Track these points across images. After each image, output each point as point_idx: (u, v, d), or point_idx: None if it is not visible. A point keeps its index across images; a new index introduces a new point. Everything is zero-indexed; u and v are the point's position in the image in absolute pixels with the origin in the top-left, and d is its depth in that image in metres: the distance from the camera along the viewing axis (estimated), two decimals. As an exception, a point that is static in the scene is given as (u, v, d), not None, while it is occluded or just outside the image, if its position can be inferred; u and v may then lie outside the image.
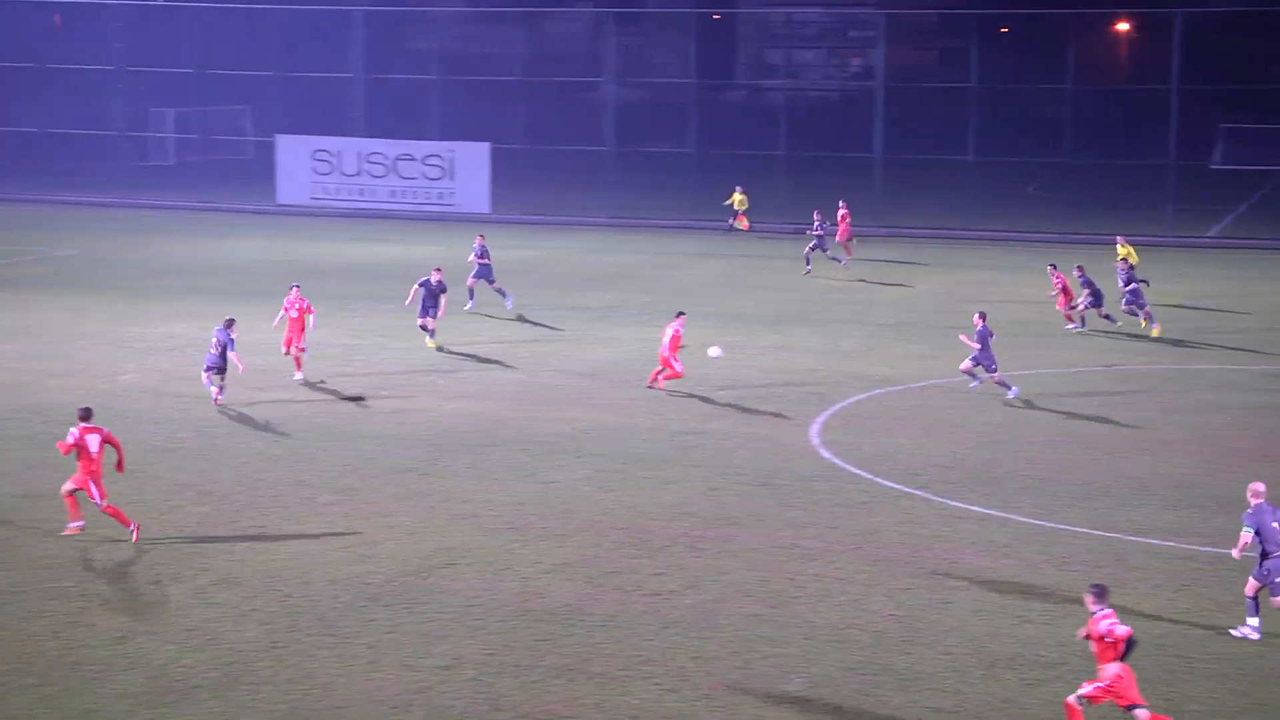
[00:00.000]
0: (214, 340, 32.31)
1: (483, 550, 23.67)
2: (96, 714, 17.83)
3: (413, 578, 22.41)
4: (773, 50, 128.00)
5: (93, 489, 23.57)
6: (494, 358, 38.25)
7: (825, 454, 29.60)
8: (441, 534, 24.44)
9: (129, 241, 60.73)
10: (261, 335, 39.75)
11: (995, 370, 34.06)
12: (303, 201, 71.76)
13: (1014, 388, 34.03)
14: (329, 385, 34.96)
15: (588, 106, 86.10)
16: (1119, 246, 46.17)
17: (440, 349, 38.60)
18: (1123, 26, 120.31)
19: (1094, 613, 17.27)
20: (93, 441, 23.62)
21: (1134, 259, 45.19)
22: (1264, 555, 20.56)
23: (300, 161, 71.91)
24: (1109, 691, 17.13)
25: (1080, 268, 42.94)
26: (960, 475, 28.17)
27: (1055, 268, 43.95)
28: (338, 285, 48.72)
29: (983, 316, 34.37)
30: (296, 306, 35.33)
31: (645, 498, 26.51)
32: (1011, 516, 25.69)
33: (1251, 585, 20.72)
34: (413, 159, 70.82)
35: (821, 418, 32.48)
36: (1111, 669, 17.16)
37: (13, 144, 79.43)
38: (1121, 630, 17.11)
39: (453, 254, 57.90)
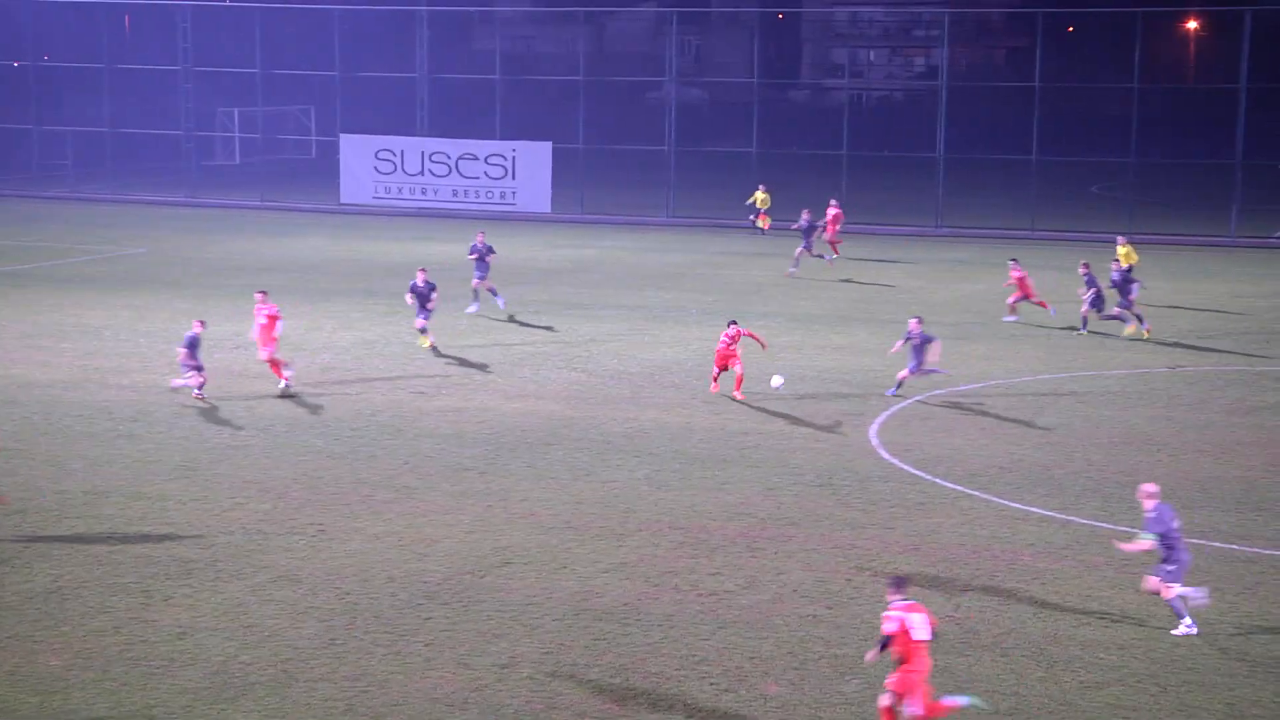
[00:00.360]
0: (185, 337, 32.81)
1: (540, 549, 23.73)
2: (156, 709, 17.99)
3: (470, 576, 22.50)
4: (837, 49, 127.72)
5: None
6: (553, 357, 38.33)
7: (884, 454, 29.52)
8: (499, 533, 24.51)
9: (193, 240, 61.23)
10: (325, 333, 40.14)
11: (917, 371, 33.95)
12: (366, 201, 72.19)
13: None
14: (389, 384, 35.13)
15: (649, 106, 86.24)
16: (1119, 246, 45.67)
17: (435, 350, 38.44)
18: (1191, 25, 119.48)
19: (893, 603, 17.15)
20: None
21: (1133, 259, 44.92)
22: (1166, 553, 20.60)
23: (363, 161, 72.32)
24: (913, 685, 16.98)
25: (1086, 265, 42.52)
26: (1020, 477, 28.04)
27: (1016, 262, 44.30)
28: (400, 284, 48.86)
29: (919, 321, 34.01)
30: (265, 313, 34.30)
31: (703, 498, 26.51)
32: (1072, 519, 25.54)
33: (1167, 589, 20.75)
34: (475, 158, 71.07)
35: (881, 418, 32.39)
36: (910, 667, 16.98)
37: (81, 143, 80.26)
38: (887, 626, 16.96)
39: (517, 253, 58.31)
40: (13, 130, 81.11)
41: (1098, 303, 41.80)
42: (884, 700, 17.12)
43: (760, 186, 62.74)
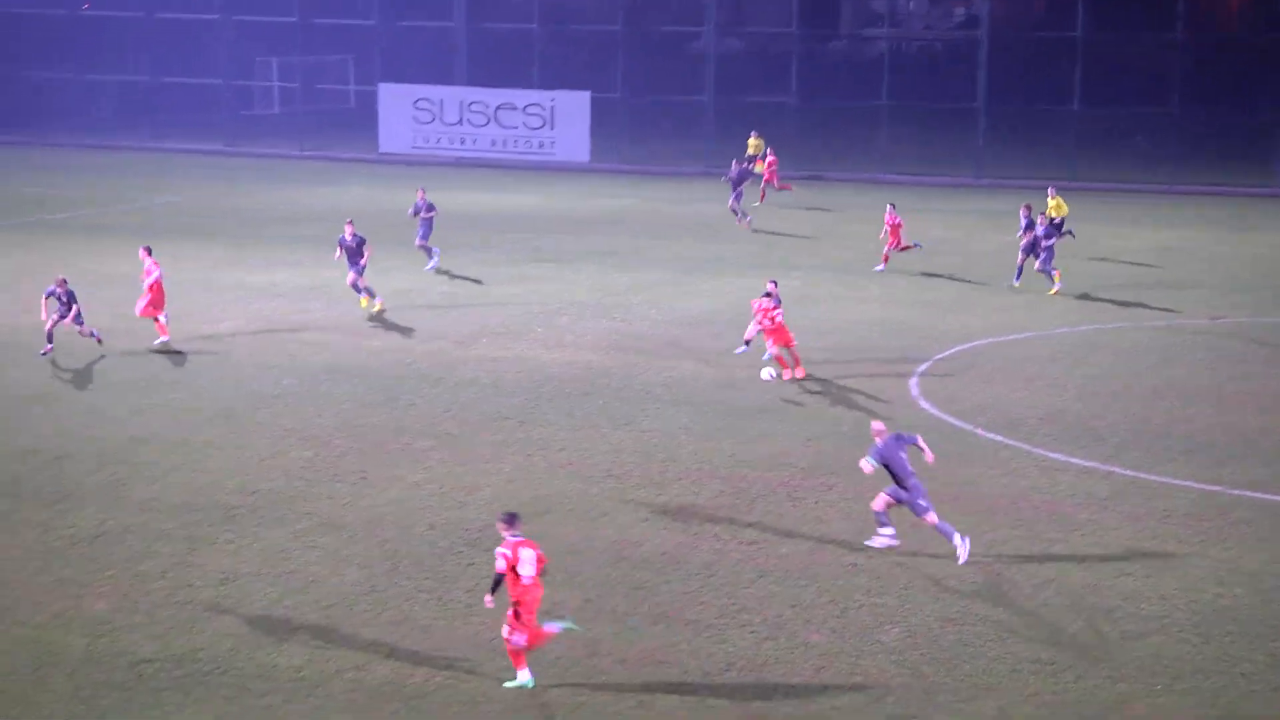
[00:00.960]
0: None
1: (580, 498, 23.82)
2: (201, 653, 18.16)
3: (511, 524, 22.60)
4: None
5: None
6: (591, 307, 38.35)
7: (924, 405, 29.49)
8: (539, 481, 24.61)
9: (233, 189, 61.41)
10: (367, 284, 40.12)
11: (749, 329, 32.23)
12: (404, 150, 72.25)
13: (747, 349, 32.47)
14: (429, 333, 35.22)
15: (688, 56, 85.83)
16: (1049, 199, 45.07)
17: (380, 311, 37.15)
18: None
19: (505, 539, 17.49)
20: None
21: (1063, 211, 44.48)
22: (898, 482, 21.47)
23: (402, 110, 72.35)
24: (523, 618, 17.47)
25: (1028, 206, 42.00)
26: (1060, 427, 27.96)
27: (894, 207, 44.13)
28: (440, 234, 48.91)
29: (774, 284, 32.27)
30: (148, 267, 33.81)
31: (743, 448, 26.51)
32: (1114, 469, 25.48)
33: (882, 501, 21.65)
34: (514, 108, 71.05)
35: (920, 369, 32.34)
36: (522, 596, 17.43)
37: (121, 92, 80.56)
38: (498, 564, 17.33)
39: (556, 203, 58.34)
40: (52, 79, 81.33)
41: (1033, 251, 40.76)
42: (550, 630, 17.72)
43: (753, 133, 62.55)
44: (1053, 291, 40.50)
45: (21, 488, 24.03)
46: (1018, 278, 41.16)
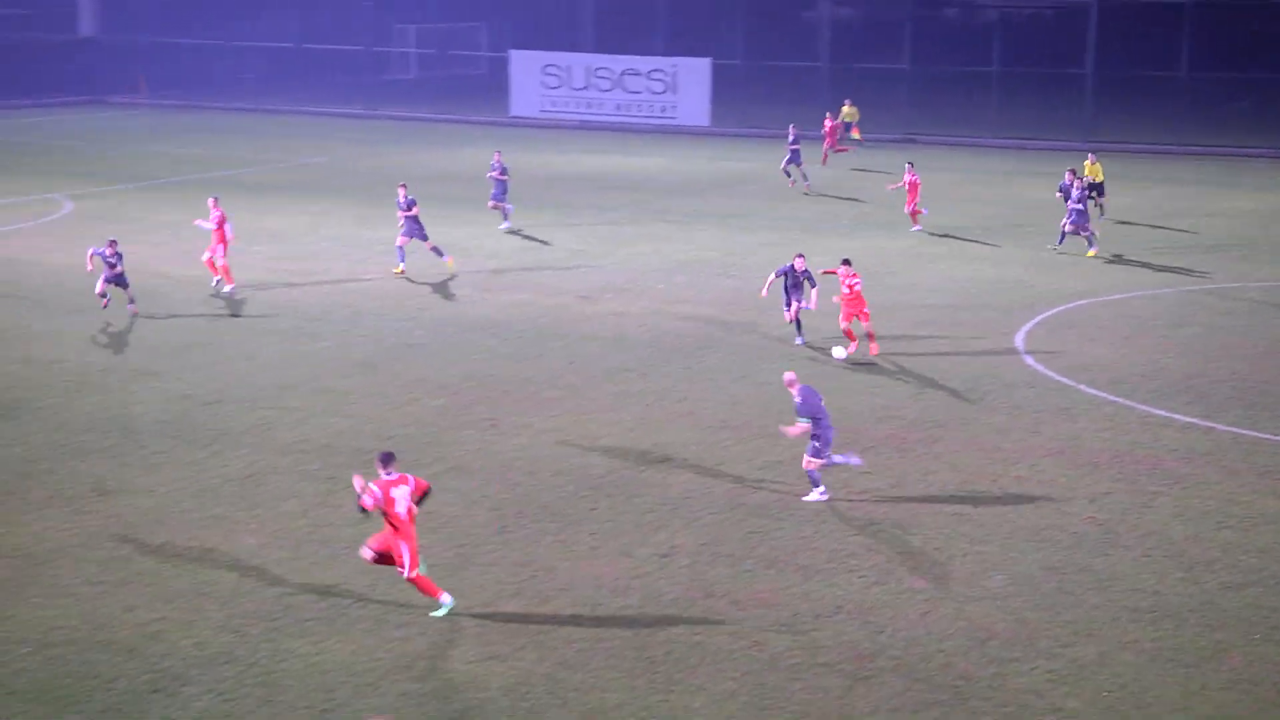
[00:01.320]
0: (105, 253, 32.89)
1: (698, 446, 24.56)
2: (341, 587, 19.03)
3: (632, 471, 23.40)
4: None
5: None
6: (710, 265, 39.16)
7: (1029, 361, 30.01)
8: (659, 431, 25.39)
9: (372, 151, 62.87)
10: (493, 240, 41.25)
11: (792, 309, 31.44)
12: (533, 114, 73.51)
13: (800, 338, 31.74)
14: (553, 289, 36.16)
15: (805, 24, 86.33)
16: (1087, 165, 44.84)
17: (454, 275, 37.43)
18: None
19: (380, 476, 18.13)
20: None
21: (1098, 177, 44.24)
22: (815, 424, 22.02)
23: (531, 76, 73.58)
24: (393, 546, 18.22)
25: (1072, 171, 41.94)
26: (1163, 384, 28.38)
27: (912, 166, 44.43)
28: (566, 194, 50.00)
29: (802, 258, 31.47)
30: (215, 218, 34.70)
31: (853, 400, 27.07)
32: (1215, 425, 25.82)
33: (812, 463, 22.15)
34: (638, 74, 71.94)
35: (1026, 326, 32.85)
36: (390, 531, 18.18)
37: (268, 58, 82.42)
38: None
39: (677, 166, 59.11)
40: (204, 46, 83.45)
41: (1080, 219, 40.68)
42: (366, 554, 18.42)
43: (847, 101, 63.01)
44: (1052, 248, 40.88)
45: (179, 430, 25.30)
46: (1091, 245, 41.10)
